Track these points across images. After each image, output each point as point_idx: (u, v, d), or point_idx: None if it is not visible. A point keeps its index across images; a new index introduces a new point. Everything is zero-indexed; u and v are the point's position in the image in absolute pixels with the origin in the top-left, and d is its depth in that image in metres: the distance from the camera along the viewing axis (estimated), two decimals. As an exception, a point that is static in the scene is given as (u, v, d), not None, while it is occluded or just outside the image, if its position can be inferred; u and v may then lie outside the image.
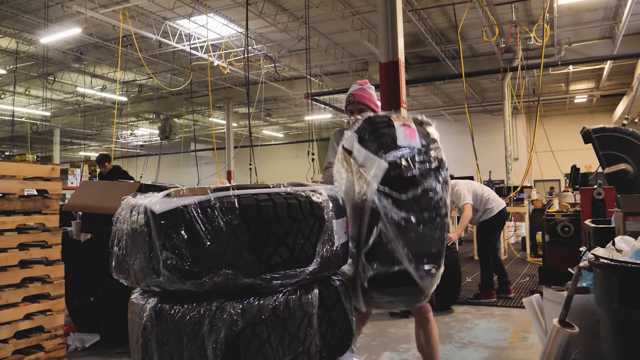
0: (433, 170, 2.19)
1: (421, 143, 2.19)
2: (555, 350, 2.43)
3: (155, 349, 1.77)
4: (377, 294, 2.16)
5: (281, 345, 1.72)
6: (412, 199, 2.10)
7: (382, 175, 2.08)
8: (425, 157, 2.18)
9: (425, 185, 2.14)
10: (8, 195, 3.66)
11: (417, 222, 2.10)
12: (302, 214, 1.78)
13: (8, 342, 3.53)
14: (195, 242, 1.67)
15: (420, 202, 2.12)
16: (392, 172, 2.08)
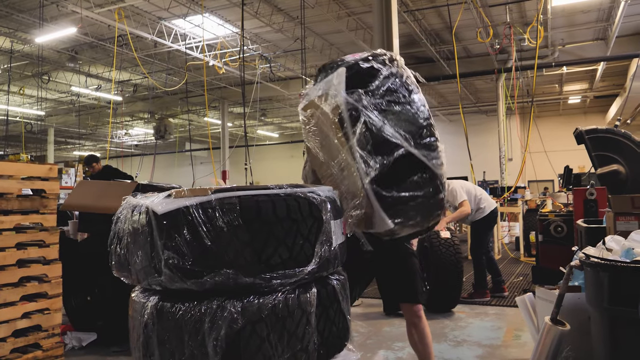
0: (387, 61, 2.27)
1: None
2: (547, 347, 2.49)
3: (156, 346, 1.81)
4: (395, 192, 2.13)
5: (280, 343, 1.76)
6: (378, 86, 2.16)
7: (344, 79, 2.13)
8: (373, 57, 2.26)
9: (384, 72, 2.20)
10: (6, 195, 3.68)
11: (393, 103, 2.15)
12: (301, 214, 1.82)
13: (6, 341, 3.55)
14: (197, 242, 1.71)
15: (386, 86, 2.19)
16: (350, 73, 2.14)
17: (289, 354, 1.78)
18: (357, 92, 2.12)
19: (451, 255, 5.01)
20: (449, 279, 5.01)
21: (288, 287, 1.82)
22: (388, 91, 2.16)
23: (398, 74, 2.23)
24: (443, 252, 5.01)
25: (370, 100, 2.11)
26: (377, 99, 2.13)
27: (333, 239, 1.94)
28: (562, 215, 6.37)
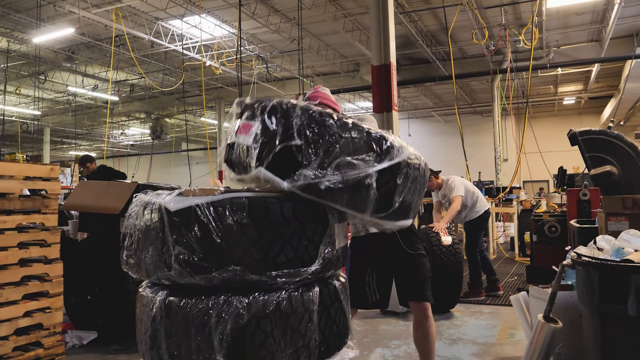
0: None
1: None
2: (540, 344, 2.56)
3: (163, 339, 1.87)
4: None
5: (283, 339, 1.82)
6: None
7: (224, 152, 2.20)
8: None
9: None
10: (8, 195, 3.72)
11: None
12: (306, 216, 1.89)
13: (8, 339, 3.60)
14: (207, 239, 1.77)
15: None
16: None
17: (292, 350, 1.84)
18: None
19: (451, 255, 5.08)
20: (448, 280, 5.08)
21: (292, 286, 1.88)
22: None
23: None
24: (443, 252, 5.09)
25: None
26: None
27: (336, 241, 2.01)
28: (556, 215, 6.47)
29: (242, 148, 1.98)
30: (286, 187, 1.84)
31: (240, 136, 1.99)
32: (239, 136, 1.99)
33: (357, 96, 21.83)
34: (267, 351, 1.81)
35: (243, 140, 1.96)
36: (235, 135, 2.03)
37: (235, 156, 2.03)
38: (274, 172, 1.86)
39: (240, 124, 2.02)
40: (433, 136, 24.56)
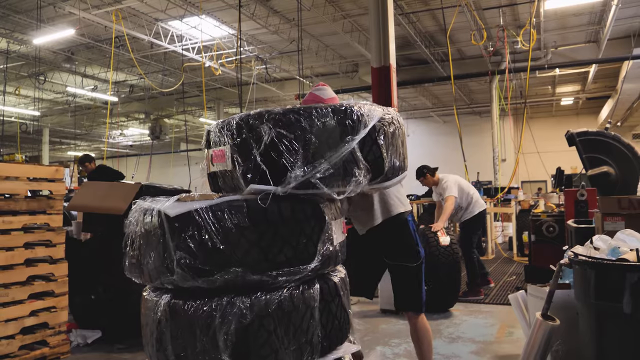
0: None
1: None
2: (538, 341, 2.61)
3: (169, 341, 1.91)
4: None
5: (286, 336, 1.87)
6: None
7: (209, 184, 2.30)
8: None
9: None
10: (14, 196, 3.78)
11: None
12: (304, 215, 1.94)
13: (15, 338, 3.66)
14: (207, 242, 1.82)
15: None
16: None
17: (295, 347, 1.90)
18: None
19: (449, 255, 5.14)
20: (446, 280, 5.14)
21: (293, 284, 1.93)
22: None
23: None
24: (441, 252, 5.15)
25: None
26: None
27: (334, 238, 2.06)
28: (553, 215, 6.51)
29: (225, 175, 2.03)
30: (281, 192, 1.88)
31: (218, 164, 2.05)
32: (216, 164, 2.06)
33: (356, 96, 21.89)
34: (271, 349, 1.86)
35: (222, 167, 2.02)
36: (212, 164, 2.09)
37: (222, 184, 2.09)
38: (264, 183, 1.90)
39: (212, 153, 2.07)
40: (431, 136, 24.62)
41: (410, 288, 2.96)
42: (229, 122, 1.98)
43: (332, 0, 12.57)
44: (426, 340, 3.04)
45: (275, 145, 1.88)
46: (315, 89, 3.08)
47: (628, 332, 2.15)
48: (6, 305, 3.63)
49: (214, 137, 2.05)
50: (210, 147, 2.11)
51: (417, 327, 3.03)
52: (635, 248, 2.26)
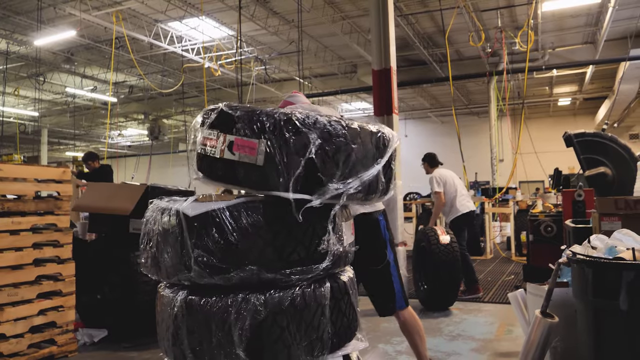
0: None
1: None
2: (538, 338, 2.70)
3: (185, 336, 1.98)
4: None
5: (298, 332, 1.95)
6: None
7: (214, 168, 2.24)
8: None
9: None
10: (23, 197, 3.84)
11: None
12: (317, 217, 2.02)
13: (24, 337, 3.74)
14: (224, 241, 1.89)
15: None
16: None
17: (306, 343, 1.97)
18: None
19: (448, 253, 5.22)
20: (447, 279, 5.24)
21: (305, 282, 2.00)
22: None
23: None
24: (441, 250, 5.24)
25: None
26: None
27: (344, 239, 2.14)
28: (551, 215, 6.60)
29: (250, 168, 1.94)
30: (316, 204, 1.94)
31: (241, 155, 1.94)
32: (237, 153, 1.95)
33: (354, 97, 21.98)
34: (284, 344, 1.93)
35: (247, 159, 1.93)
36: (230, 151, 1.96)
37: (242, 176, 1.96)
38: (300, 191, 1.93)
39: (235, 140, 1.95)
40: (429, 137, 24.69)
41: (383, 290, 3.03)
42: (268, 116, 1.93)
43: (331, 2, 12.66)
44: (417, 331, 3.13)
45: (319, 154, 1.93)
46: (289, 97, 3.17)
47: (624, 328, 2.23)
48: (16, 305, 3.70)
49: (240, 124, 1.95)
50: (215, 127, 2.01)
51: (405, 321, 3.12)
52: (631, 247, 2.35)
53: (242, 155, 1.95)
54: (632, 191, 5.58)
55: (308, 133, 1.93)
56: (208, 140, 2.05)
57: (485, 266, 8.54)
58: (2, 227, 3.64)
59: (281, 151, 1.91)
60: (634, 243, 2.49)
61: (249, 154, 1.94)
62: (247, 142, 1.94)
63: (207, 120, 2.09)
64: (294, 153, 1.92)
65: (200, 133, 2.13)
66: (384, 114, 5.50)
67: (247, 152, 1.94)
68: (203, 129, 2.09)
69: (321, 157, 1.94)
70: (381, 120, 5.47)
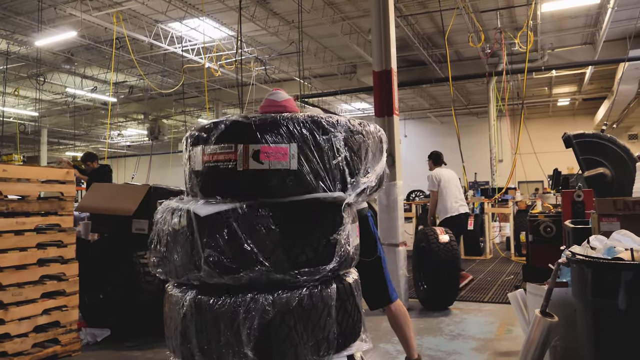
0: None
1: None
2: (538, 337, 2.74)
3: (194, 335, 2.03)
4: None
5: (305, 332, 1.99)
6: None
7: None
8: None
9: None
10: (27, 198, 3.88)
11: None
12: (325, 219, 2.06)
13: (28, 336, 3.77)
14: (234, 241, 1.93)
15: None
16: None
17: (313, 342, 2.01)
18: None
19: (448, 252, 5.28)
20: (446, 277, 5.31)
21: (312, 283, 2.04)
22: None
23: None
24: (441, 249, 5.31)
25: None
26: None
27: (350, 241, 2.17)
28: (551, 216, 6.64)
29: (280, 175, 1.93)
30: (351, 200, 2.05)
31: (272, 162, 1.91)
32: (267, 162, 1.92)
33: (354, 97, 22.02)
34: (291, 344, 1.97)
35: (280, 165, 1.92)
36: (257, 161, 1.93)
37: (274, 184, 1.94)
38: (331, 189, 2.01)
39: (261, 149, 1.92)
40: (428, 137, 24.73)
41: (375, 283, 3.12)
42: (293, 120, 1.94)
43: (331, 3, 12.69)
44: (407, 323, 3.22)
45: (346, 151, 2.05)
46: (270, 94, 3.18)
47: (623, 327, 2.27)
48: (20, 304, 3.74)
49: (265, 131, 1.92)
50: (228, 140, 1.96)
51: (397, 312, 3.19)
52: (630, 248, 2.38)
53: (272, 162, 1.92)
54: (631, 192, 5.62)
55: (335, 132, 2.00)
56: (219, 155, 1.99)
57: (484, 266, 8.58)
58: (6, 228, 3.67)
59: (313, 152, 1.95)
60: (633, 243, 2.53)
61: (281, 159, 1.92)
62: (277, 148, 1.91)
63: (212, 135, 2.02)
64: (326, 153, 1.97)
65: (198, 150, 2.05)
66: (384, 115, 5.53)
67: (279, 158, 1.91)
68: (207, 146, 2.02)
69: (349, 154, 2.04)
70: (382, 121, 5.51)
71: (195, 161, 2.10)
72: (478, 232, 9.82)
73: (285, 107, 2.95)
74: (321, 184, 2.00)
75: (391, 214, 5.41)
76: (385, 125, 5.49)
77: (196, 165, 2.11)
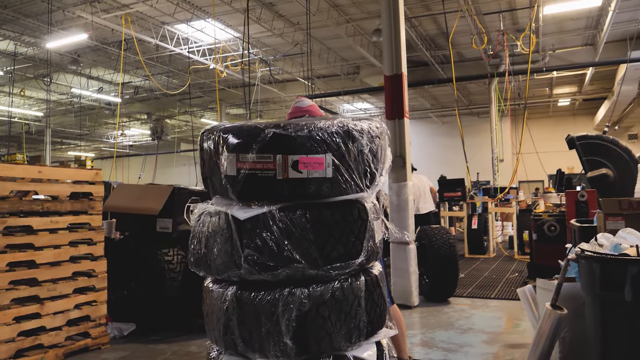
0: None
1: None
2: (548, 328, 2.93)
3: (236, 326, 2.21)
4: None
5: (338, 321, 2.17)
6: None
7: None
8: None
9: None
10: (60, 198, 4.07)
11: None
12: (352, 217, 2.24)
13: (62, 329, 3.97)
14: (272, 241, 2.11)
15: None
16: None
17: (345, 330, 2.19)
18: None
19: (447, 248, 5.67)
20: (445, 272, 5.73)
21: (343, 277, 2.23)
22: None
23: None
24: (440, 246, 5.72)
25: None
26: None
27: (375, 236, 2.36)
28: (555, 215, 6.82)
29: (318, 182, 2.11)
30: (373, 198, 2.27)
31: (310, 172, 2.08)
32: (306, 171, 2.08)
33: (356, 98, 22.21)
34: (326, 332, 2.16)
35: (317, 174, 2.09)
36: (296, 169, 2.07)
37: (312, 190, 2.10)
38: (358, 190, 2.21)
39: (300, 159, 2.07)
40: (430, 137, 24.95)
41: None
42: (326, 131, 2.10)
43: (336, 5, 12.88)
44: (399, 327, 3.35)
45: (371, 154, 2.25)
46: (296, 102, 3.39)
47: (629, 317, 2.46)
48: (54, 299, 3.93)
49: (302, 143, 2.07)
50: (268, 151, 2.09)
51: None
52: (635, 244, 2.58)
53: (310, 171, 2.10)
54: (633, 192, 5.82)
55: (361, 139, 2.19)
56: (259, 164, 2.13)
57: (489, 264, 8.77)
58: (42, 226, 3.87)
59: (345, 160, 2.15)
60: (637, 240, 2.72)
61: (318, 169, 2.10)
62: (314, 159, 2.09)
63: (250, 144, 2.14)
64: (355, 159, 2.17)
65: (231, 157, 2.18)
66: (395, 118, 5.73)
67: (316, 168, 2.09)
68: (248, 155, 2.14)
69: (371, 157, 2.24)
70: (393, 124, 5.70)
71: (228, 167, 2.20)
72: (482, 231, 10.01)
73: (310, 111, 3.19)
74: (350, 187, 2.20)
75: (401, 213, 5.61)
76: (396, 127, 5.69)
77: (228, 171, 2.20)
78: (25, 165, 4.03)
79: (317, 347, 2.16)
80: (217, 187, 2.30)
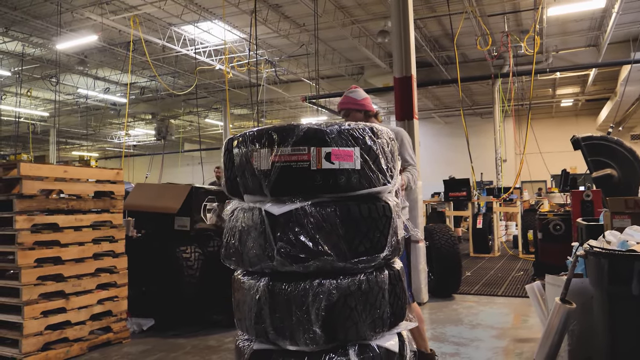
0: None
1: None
2: (557, 322, 3.07)
3: (268, 315, 2.35)
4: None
5: (364, 312, 2.31)
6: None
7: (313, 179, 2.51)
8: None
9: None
10: (83, 197, 4.21)
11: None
12: (378, 214, 2.39)
13: (85, 324, 4.11)
14: (304, 235, 2.25)
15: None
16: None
17: (370, 321, 2.34)
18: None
19: (450, 246, 5.94)
20: (449, 269, 5.93)
21: (369, 270, 2.37)
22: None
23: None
24: (443, 245, 5.96)
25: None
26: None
27: (398, 232, 2.51)
28: (560, 214, 6.95)
29: (348, 173, 2.31)
30: (392, 189, 2.46)
31: (340, 162, 2.30)
32: (337, 162, 2.29)
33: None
34: (352, 322, 2.30)
35: (348, 165, 2.31)
36: (328, 160, 2.27)
37: (343, 181, 2.29)
38: (384, 184, 2.39)
39: (332, 151, 2.27)
40: (433, 137, 25.07)
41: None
42: (355, 128, 2.35)
43: (342, 7, 13.03)
44: (420, 321, 3.48)
45: (390, 153, 2.46)
46: (349, 91, 3.55)
47: (635, 310, 2.60)
48: (79, 295, 4.08)
49: (335, 137, 2.30)
50: (303, 144, 2.28)
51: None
52: (641, 241, 2.72)
53: (341, 162, 2.31)
54: (637, 191, 5.95)
55: (382, 138, 2.39)
56: (294, 157, 2.32)
57: (494, 263, 8.90)
58: (68, 224, 4.01)
59: (371, 154, 2.34)
60: (644, 238, 2.86)
61: (348, 160, 2.31)
62: (345, 151, 2.30)
63: (289, 139, 2.33)
64: (377, 155, 2.36)
65: (267, 152, 2.34)
66: (405, 119, 5.86)
67: (346, 159, 2.31)
68: (282, 147, 2.32)
69: (390, 155, 2.44)
70: (402, 125, 5.83)
71: (262, 161, 2.35)
72: (487, 231, 10.14)
73: (364, 105, 3.36)
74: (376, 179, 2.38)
75: (412, 212, 5.72)
76: (406, 128, 5.81)
77: (262, 165, 2.36)
78: (51, 165, 4.17)
79: (344, 336, 2.29)
80: (248, 185, 2.45)
